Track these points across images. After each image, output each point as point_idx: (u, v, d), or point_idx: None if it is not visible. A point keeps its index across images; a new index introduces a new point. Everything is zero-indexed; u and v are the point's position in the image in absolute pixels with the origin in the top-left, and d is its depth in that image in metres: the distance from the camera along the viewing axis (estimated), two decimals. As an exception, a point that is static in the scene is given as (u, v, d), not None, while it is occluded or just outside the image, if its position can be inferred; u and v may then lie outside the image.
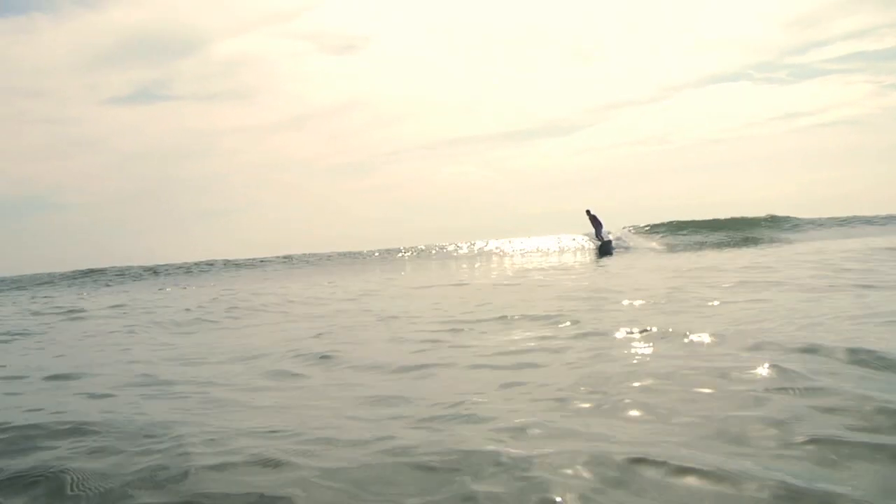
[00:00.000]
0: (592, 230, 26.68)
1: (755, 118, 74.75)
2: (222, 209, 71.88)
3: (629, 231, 27.74)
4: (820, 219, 27.52)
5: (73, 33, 79.35)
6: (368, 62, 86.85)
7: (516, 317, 6.17)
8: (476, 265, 22.71)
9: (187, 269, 30.56)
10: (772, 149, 67.76)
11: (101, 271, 31.32)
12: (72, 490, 2.40)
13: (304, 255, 33.41)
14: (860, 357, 3.33)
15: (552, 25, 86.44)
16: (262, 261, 32.26)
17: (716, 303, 6.17)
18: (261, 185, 75.85)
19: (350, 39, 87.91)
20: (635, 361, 3.87)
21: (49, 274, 32.06)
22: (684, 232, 26.42)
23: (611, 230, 26.50)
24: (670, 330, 4.62)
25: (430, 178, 74.14)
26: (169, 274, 29.04)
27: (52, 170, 73.86)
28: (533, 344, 4.75)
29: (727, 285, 7.61)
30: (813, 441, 2.34)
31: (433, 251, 30.11)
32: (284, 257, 32.84)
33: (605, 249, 25.42)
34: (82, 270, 31.91)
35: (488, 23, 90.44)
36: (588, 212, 25.86)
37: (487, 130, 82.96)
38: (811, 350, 3.58)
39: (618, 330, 4.89)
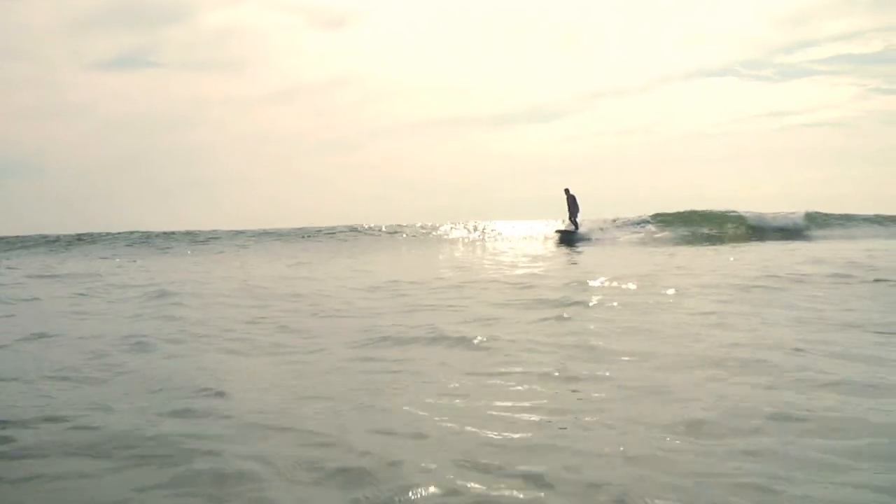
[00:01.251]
0: (566, 211, 25.52)
1: (741, 114, 74.63)
2: (209, 180, 70.96)
3: (603, 225, 26.90)
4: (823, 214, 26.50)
5: (60, -7, 77.42)
6: (360, 38, 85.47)
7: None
8: (432, 250, 22.09)
9: (146, 238, 30.15)
10: (756, 146, 67.72)
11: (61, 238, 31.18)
12: None
13: (286, 229, 32.85)
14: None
15: (545, 12, 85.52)
16: (239, 233, 31.92)
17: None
18: (248, 157, 74.83)
19: (342, 14, 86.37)
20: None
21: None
22: (659, 225, 25.64)
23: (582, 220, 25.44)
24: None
25: (417, 158, 73.47)
26: (143, 243, 28.82)
27: (33, 133, 72.33)
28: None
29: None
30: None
31: (404, 234, 29.39)
32: (261, 232, 32.35)
33: (566, 238, 24.63)
34: (43, 235, 31.65)
35: (482, 6, 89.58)
36: (567, 191, 24.66)
37: (476, 112, 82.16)
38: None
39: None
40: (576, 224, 25.28)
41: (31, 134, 71.59)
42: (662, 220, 26.27)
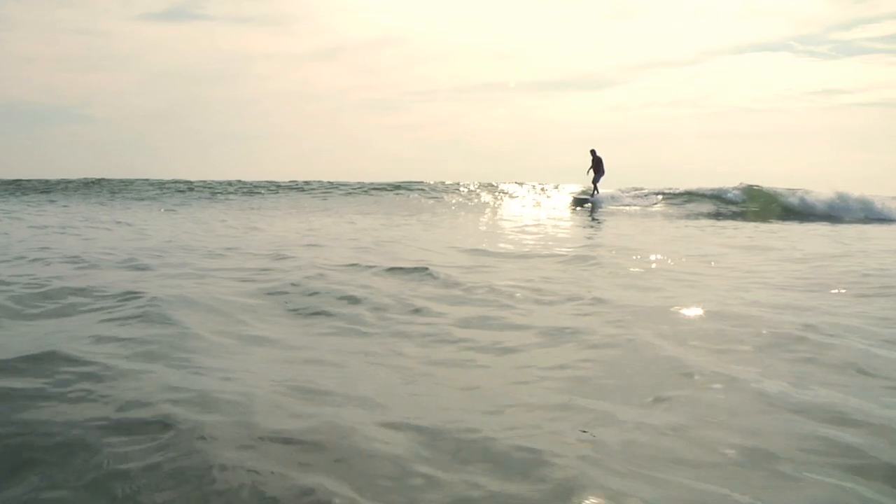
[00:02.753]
0: (592, 175, 24.29)
1: (791, 91, 71.63)
2: (251, 134, 71.92)
3: (629, 194, 25.75)
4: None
5: (113, -55, 78.28)
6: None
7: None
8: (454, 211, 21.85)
9: (189, 188, 30.91)
10: (805, 123, 65.10)
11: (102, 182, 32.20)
12: None
13: (320, 182, 33.21)
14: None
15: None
16: (278, 186, 32.27)
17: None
18: (291, 113, 75.42)
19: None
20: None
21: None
22: (683, 199, 24.30)
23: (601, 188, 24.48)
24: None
25: (461, 122, 72.97)
26: (180, 191, 29.52)
27: (81, 81, 74.26)
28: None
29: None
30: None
31: (432, 193, 29.18)
32: (296, 183, 32.70)
33: (581, 201, 24.40)
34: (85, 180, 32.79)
35: None
36: (593, 152, 23.58)
37: (521, 78, 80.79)
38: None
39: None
40: (596, 188, 24.61)
41: (78, 82, 73.62)
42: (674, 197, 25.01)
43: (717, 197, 23.96)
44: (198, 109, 74.72)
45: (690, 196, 24.64)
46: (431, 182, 31.40)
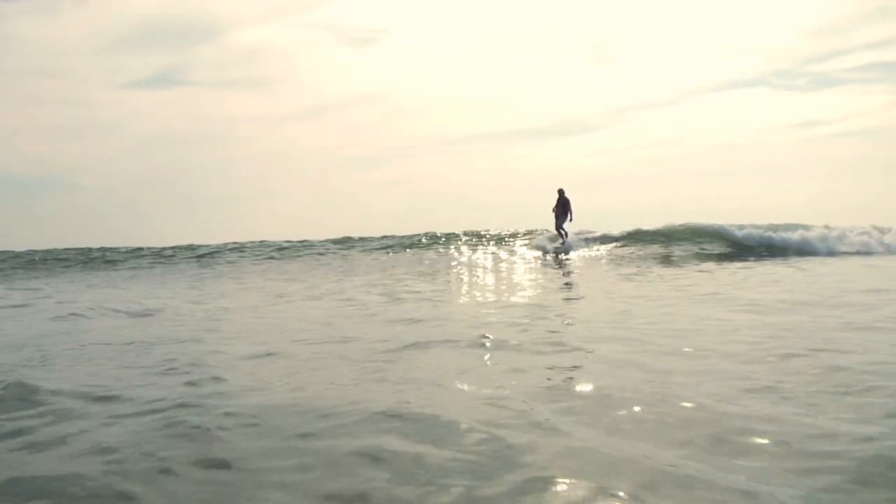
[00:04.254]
0: (554, 218, 22.28)
1: (773, 125, 73.33)
2: (236, 196, 72.36)
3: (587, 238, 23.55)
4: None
5: (95, 16, 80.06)
6: (387, 56, 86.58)
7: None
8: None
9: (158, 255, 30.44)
10: (788, 156, 66.37)
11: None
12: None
13: (301, 242, 33.00)
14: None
15: (571, 25, 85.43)
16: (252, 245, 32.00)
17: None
18: (276, 173, 76.23)
19: (370, 32, 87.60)
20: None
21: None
22: (660, 241, 22.71)
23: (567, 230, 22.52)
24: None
25: (446, 174, 73.74)
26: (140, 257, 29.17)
27: (67, 151, 74.89)
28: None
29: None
30: None
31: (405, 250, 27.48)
32: (280, 245, 32.33)
33: (544, 245, 22.58)
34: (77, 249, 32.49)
35: (508, 21, 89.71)
36: (561, 192, 21.92)
37: (503, 128, 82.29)
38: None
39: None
40: (563, 232, 22.63)
41: (64, 151, 74.18)
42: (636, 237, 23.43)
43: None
44: (185, 173, 75.32)
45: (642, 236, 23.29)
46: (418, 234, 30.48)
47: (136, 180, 73.85)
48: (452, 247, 26.30)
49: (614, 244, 22.96)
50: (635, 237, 23.49)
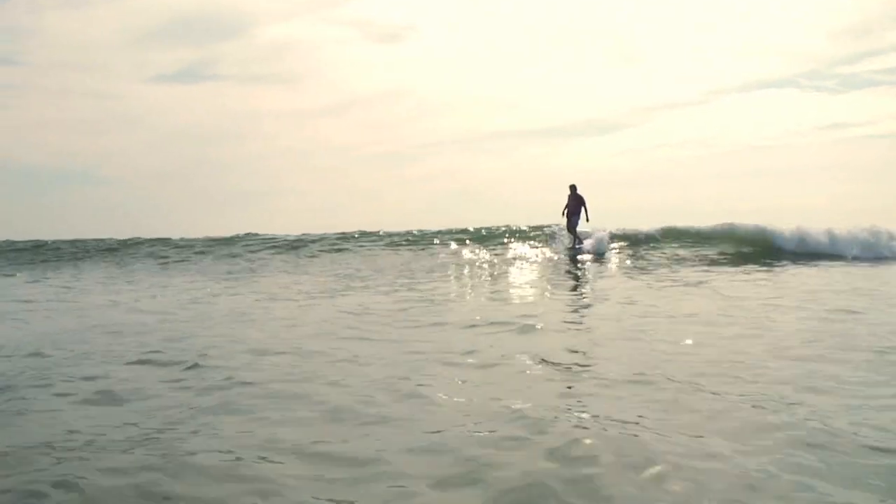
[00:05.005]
0: (565, 219, 19.17)
1: (801, 126, 72.14)
2: (260, 191, 72.41)
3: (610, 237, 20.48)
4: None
5: (125, 10, 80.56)
6: (412, 53, 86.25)
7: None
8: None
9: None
10: (816, 158, 65.27)
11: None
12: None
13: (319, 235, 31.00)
14: None
15: (597, 24, 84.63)
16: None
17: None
18: (300, 169, 76.21)
19: (395, 29, 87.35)
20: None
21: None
22: (689, 241, 20.83)
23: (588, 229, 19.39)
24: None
25: (470, 172, 73.28)
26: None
27: (94, 144, 75.46)
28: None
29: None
30: None
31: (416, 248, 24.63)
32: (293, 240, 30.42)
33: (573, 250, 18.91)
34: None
35: (533, 19, 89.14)
36: (573, 188, 18.74)
37: (527, 126, 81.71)
38: None
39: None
40: (576, 236, 19.27)
41: (91, 144, 74.82)
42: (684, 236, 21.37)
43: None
44: (208, 168, 75.62)
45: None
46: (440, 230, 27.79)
47: (159, 174, 74.24)
48: (473, 245, 23.70)
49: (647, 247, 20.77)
50: (671, 235, 21.59)
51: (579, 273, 16.32)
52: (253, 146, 78.73)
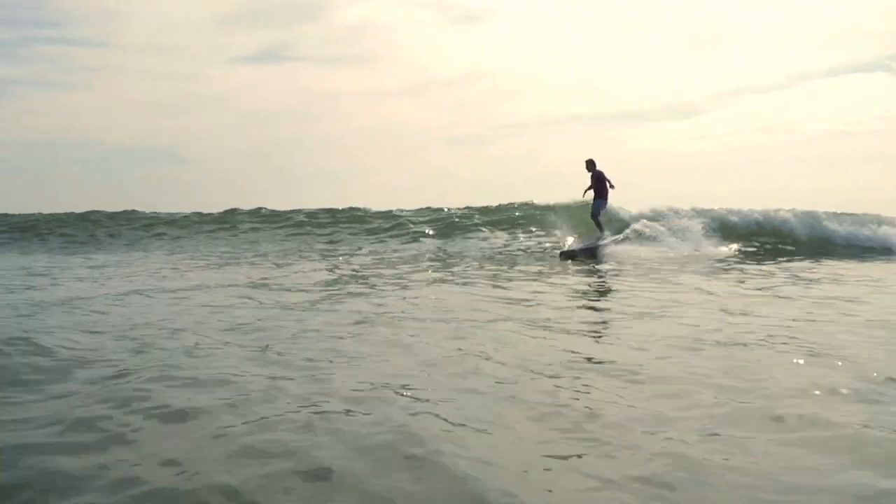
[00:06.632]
0: (589, 197, 14.93)
1: (890, 112, 67.25)
2: (338, 170, 73.93)
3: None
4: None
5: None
6: (490, 35, 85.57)
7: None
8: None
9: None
10: (901, 145, 60.85)
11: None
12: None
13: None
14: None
15: (681, 7, 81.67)
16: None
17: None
18: (377, 150, 77.15)
19: (474, 11, 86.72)
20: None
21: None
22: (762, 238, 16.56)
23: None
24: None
25: (547, 154, 72.37)
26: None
27: (175, 124, 78.67)
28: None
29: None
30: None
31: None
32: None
33: (570, 253, 14.08)
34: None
35: (613, 2, 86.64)
36: (591, 164, 14.52)
37: (608, 110, 79.90)
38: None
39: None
40: (599, 224, 14.84)
41: (172, 125, 77.97)
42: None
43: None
44: (286, 148, 77.71)
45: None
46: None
47: (239, 154, 76.64)
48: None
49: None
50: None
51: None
52: (331, 126, 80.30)
